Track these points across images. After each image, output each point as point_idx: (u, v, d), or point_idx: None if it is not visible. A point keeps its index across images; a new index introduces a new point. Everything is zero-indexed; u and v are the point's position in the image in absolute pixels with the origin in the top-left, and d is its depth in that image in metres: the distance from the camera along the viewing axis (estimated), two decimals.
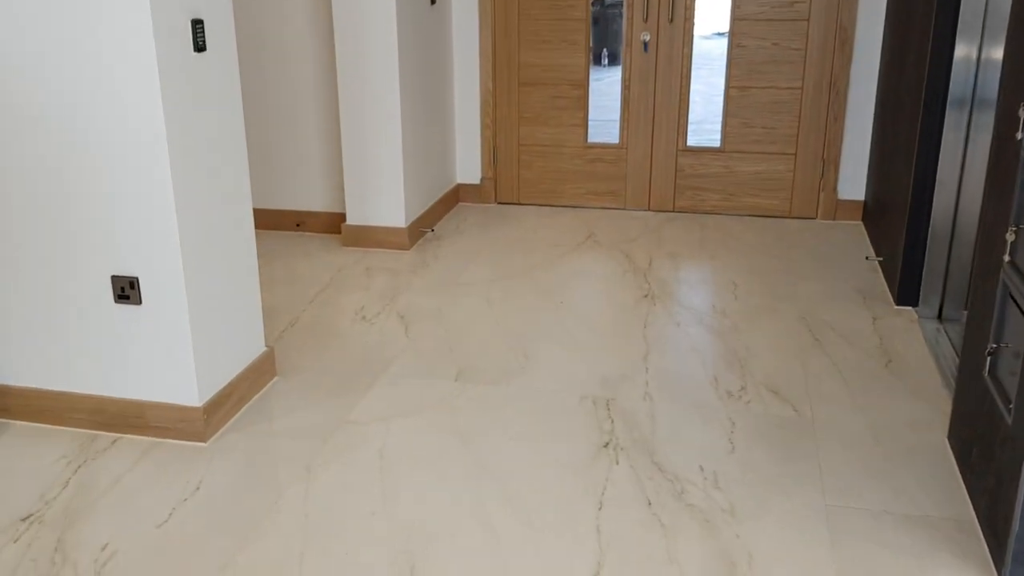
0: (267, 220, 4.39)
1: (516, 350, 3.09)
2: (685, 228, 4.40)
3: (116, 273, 2.45)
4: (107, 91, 2.28)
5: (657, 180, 4.59)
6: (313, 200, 4.34)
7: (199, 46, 2.38)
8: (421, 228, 4.24)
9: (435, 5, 4.29)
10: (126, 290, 2.46)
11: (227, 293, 2.63)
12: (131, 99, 2.27)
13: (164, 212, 2.35)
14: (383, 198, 4.04)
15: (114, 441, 2.55)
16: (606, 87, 4.57)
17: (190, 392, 2.51)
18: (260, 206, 4.38)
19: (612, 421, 2.63)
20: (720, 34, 4.44)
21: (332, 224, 4.31)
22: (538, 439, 2.53)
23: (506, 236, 4.28)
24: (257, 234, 4.48)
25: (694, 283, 3.71)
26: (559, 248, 4.11)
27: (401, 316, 3.39)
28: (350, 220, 4.12)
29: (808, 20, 4.24)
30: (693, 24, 4.35)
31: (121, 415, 2.57)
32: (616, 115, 4.57)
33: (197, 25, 2.37)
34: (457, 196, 4.81)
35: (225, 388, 2.62)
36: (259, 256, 4.13)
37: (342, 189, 4.24)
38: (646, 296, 3.56)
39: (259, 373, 2.81)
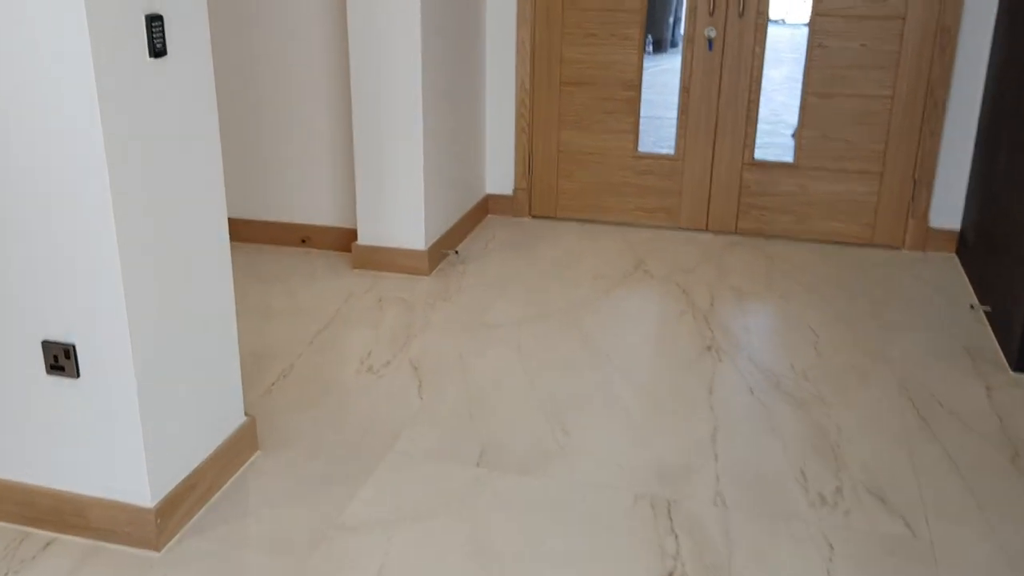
0: (269, 234, 3.84)
1: (552, 421, 2.53)
2: (750, 256, 3.79)
3: (48, 338, 1.91)
4: (32, 108, 1.73)
5: (718, 197, 3.99)
6: (321, 213, 3.78)
7: (156, 50, 1.82)
8: (443, 250, 3.67)
9: None
10: (60, 359, 1.92)
11: (192, 358, 2.09)
12: (62, 120, 1.72)
13: (105, 262, 1.81)
14: (400, 215, 3.48)
15: (48, 543, 2.02)
16: (650, 78, 3.98)
17: (139, 489, 1.98)
18: (262, 218, 3.84)
19: (676, 537, 2.06)
20: (775, 22, 3.82)
21: (342, 241, 3.76)
22: (581, 563, 1.97)
23: (541, 261, 3.70)
24: (258, 251, 4.05)
25: (765, 332, 3.11)
26: (603, 279, 3.53)
27: (415, 366, 2.83)
28: (362, 239, 3.57)
29: (904, 19, 3.60)
30: (767, 19, 3.73)
31: (56, 511, 2.04)
32: (665, 116, 3.97)
33: (154, 23, 1.81)
34: (486, 208, 4.24)
35: (187, 479, 2.08)
36: (257, 279, 3.68)
37: (354, 201, 3.68)
38: (709, 348, 2.97)
39: (235, 451, 2.27)
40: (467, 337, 3.02)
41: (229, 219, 3.86)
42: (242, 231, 3.86)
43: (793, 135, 6.04)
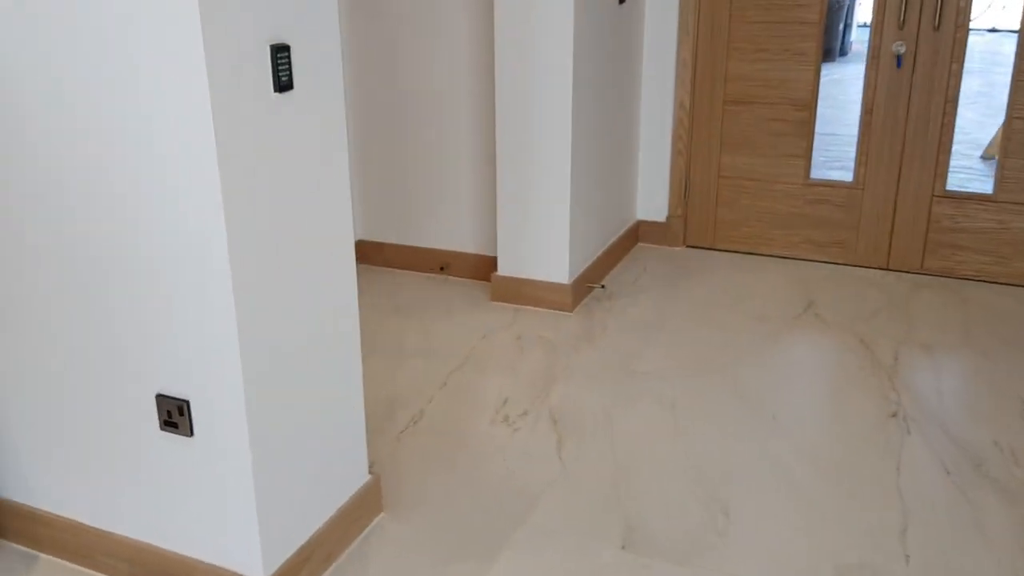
0: (407, 260, 3.68)
1: (710, 499, 2.21)
2: (939, 301, 3.33)
3: (163, 392, 1.77)
4: (144, 150, 1.58)
5: (901, 231, 3.54)
6: (461, 239, 3.59)
7: (281, 84, 1.64)
8: (588, 283, 3.40)
9: (624, 4, 3.42)
10: (173, 415, 1.77)
11: (313, 415, 1.90)
12: (177, 164, 1.56)
13: (220, 315, 1.64)
14: (543, 246, 3.23)
15: None
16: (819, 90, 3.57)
17: (251, 559, 1.80)
18: (399, 242, 3.68)
19: None
20: (976, 31, 3.33)
21: (481, 269, 3.55)
22: None
23: (696, 298, 3.37)
24: (394, 277, 3.79)
25: (963, 398, 2.68)
26: (768, 322, 3.16)
27: (554, 419, 2.57)
28: (502, 270, 3.34)
29: None
30: (967, 33, 3.26)
31: (163, 571, 1.90)
32: (836, 133, 3.55)
33: (280, 54, 1.62)
34: (636, 236, 3.94)
35: (303, 548, 1.90)
36: (392, 310, 3.43)
37: (495, 228, 3.47)
38: (895, 415, 2.57)
39: (357, 514, 2.07)
40: (613, 387, 2.74)
41: (363, 242, 3.73)
42: (378, 255, 3.72)
43: (983, 157, 5.43)
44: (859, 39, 8.72)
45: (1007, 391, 2.69)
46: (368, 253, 3.74)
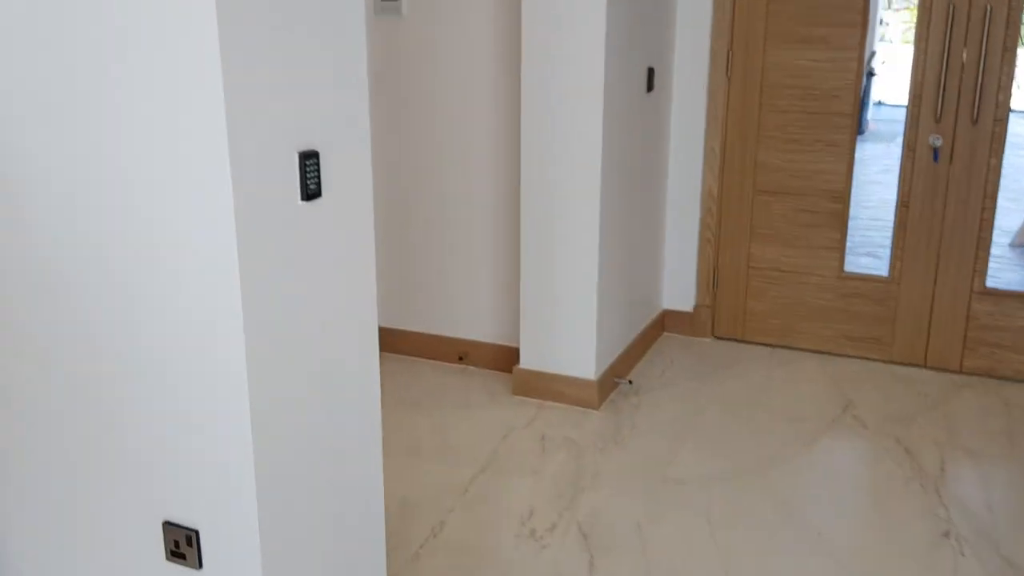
0: (424, 348, 3.56)
1: None
2: (981, 404, 3.18)
3: (171, 519, 1.63)
4: (161, 256, 1.47)
5: (939, 328, 3.41)
6: (481, 328, 3.47)
7: (309, 192, 1.54)
8: (615, 377, 3.27)
9: (652, 92, 3.36)
10: (181, 545, 1.63)
11: (328, 543, 1.76)
12: (196, 273, 1.45)
13: (236, 439, 1.51)
14: (568, 339, 3.11)
15: None
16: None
17: None
18: (418, 330, 3.57)
19: None
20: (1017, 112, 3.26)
21: (503, 359, 3.43)
22: None
23: (727, 394, 3.23)
24: (411, 367, 3.60)
25: (1016, 513, 2.51)
26: (804, 424, 3.02)
27: (584, 534, 2.41)
28: (524, 363, 3.21)
29: None
30: (1006, 127, 3.18)
31: None
32: (859, 216, 3.45)
33: (308, 161, 1.53)
34: (662, 326, 3.82)
35: None
36: (408, 404, 3.24)
37: (517, 317, 3.36)
38: (947, 535, 2.41)
39: None
40: (644, 496, 2.59)
41: (381, 328, 3.61)
42: (396, 343, 3.60)
43: (1012, 244, 5.31)
44: (875, 117, 8.70)
45: None
46: (385, 340, 3.62)
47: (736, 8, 3.42)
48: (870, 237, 4.42)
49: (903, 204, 3.36)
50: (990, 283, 3.32)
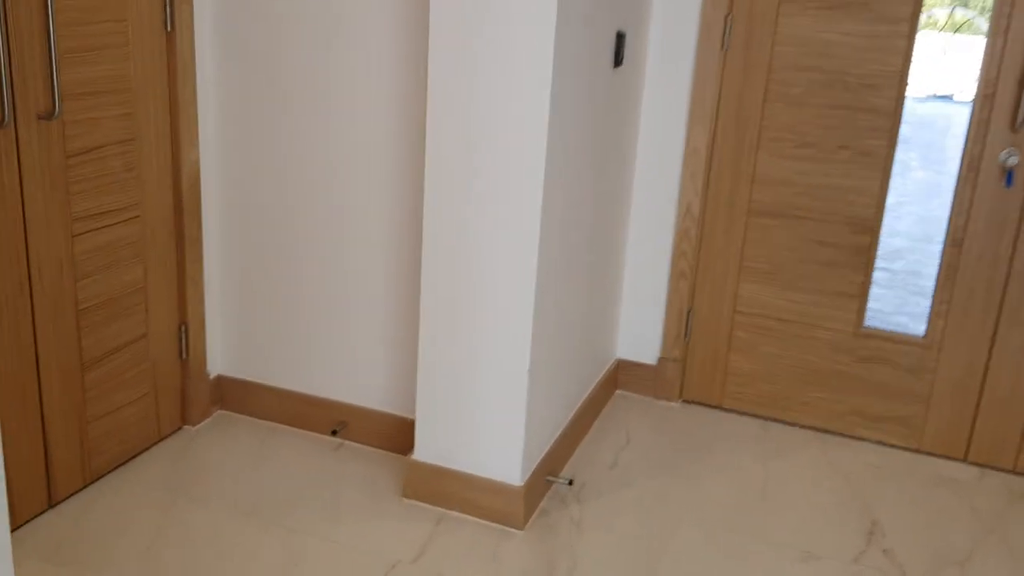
0: (285, 411, 2.54)
1: None
2: None
3: None
4: None
5: (991, 412, 2.52)
6: (365, 390, 2.46)
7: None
8: (548, 477, 2.30)
9: (621, 67, 2.37)
10: None
11: None
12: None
13: None
14: (484, 423, 2.13)
15: None
16: None
17: None
18: (277, 385, 2.54)
19: None
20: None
21: (393, 436, 2.43)
22: None
23: (706, 504, 2.28)
24: (265, 436, 2.46)
25: None
26: (817, 563, 2.09)
27: None
28: (420, 453, 2.22)
29: None
30: None
31: None
32: (901, 266, 2.54)
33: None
34: (615, 382, 2.86)
35: None
36: (241, 509, 2.12)
37: (412, 383, 2.36)
38: None
39: None
40: None
41: (225, 379, 2.57)
42: (247, 400, 2.57)
43: None
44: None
45: None
46: (231, 396, 2.59)
47: None
48: (897, 279, 3.50)
49: (954, 242, 2.44)
50: None
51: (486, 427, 2.13)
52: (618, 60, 2.29)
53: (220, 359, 2.58)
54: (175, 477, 2.26)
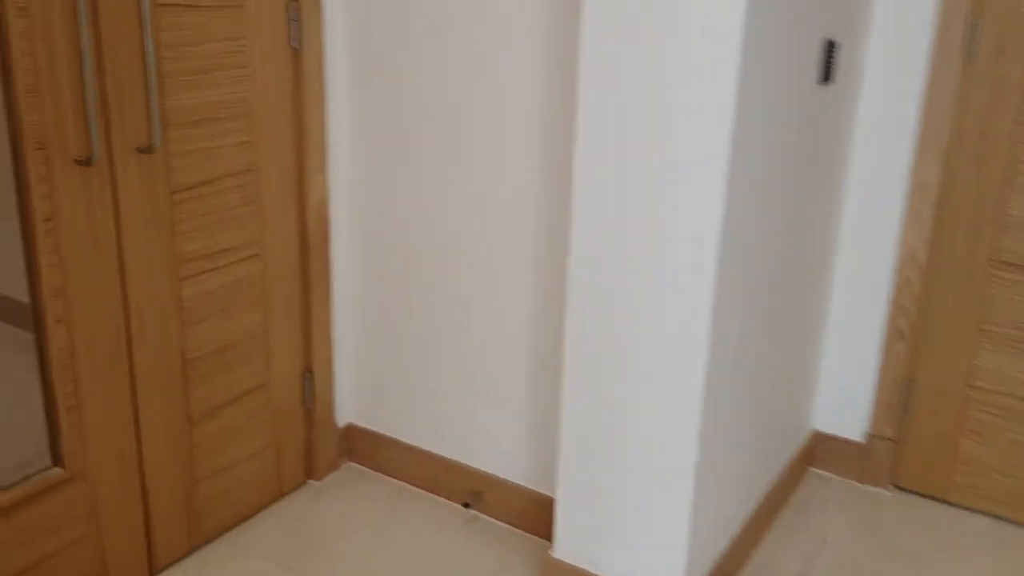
0: (416, 472, 2.25)
1: None
2: None
3: None
4: None
5: None
6: (504, 459, 2.13)
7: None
8: None
9: (831, 84, 1.90)
10: None
11: None
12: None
13: None
14: (639, 517, 1.74)
15: None
16: None
17: None
18: (409, 441, 2.26)
19: None
20: None
21: (528, 511, 2.09)
22: None
23: None
24: (388, 500, 2.17)
25: None
26: None
27: None
28: (560, 551, 1.86)
29: None
30: None
31: None
32: None
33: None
34: (809, 458, 2.38)
35: None
36: None
37: (553, 457, 2.00)
38: None
39: None
40: None
41: (356, 428, 2.32)
42: (376, 453, 2.30)
43: None
44: None
45: None
46: (361, 447, 2.33)
47: None
48: None
49: None
50: None
51: (641, 524, 1.74)
52: (827, 75, 1.83)
53: (349, 408, 2.34)
54: (294, 544, 2.02)
